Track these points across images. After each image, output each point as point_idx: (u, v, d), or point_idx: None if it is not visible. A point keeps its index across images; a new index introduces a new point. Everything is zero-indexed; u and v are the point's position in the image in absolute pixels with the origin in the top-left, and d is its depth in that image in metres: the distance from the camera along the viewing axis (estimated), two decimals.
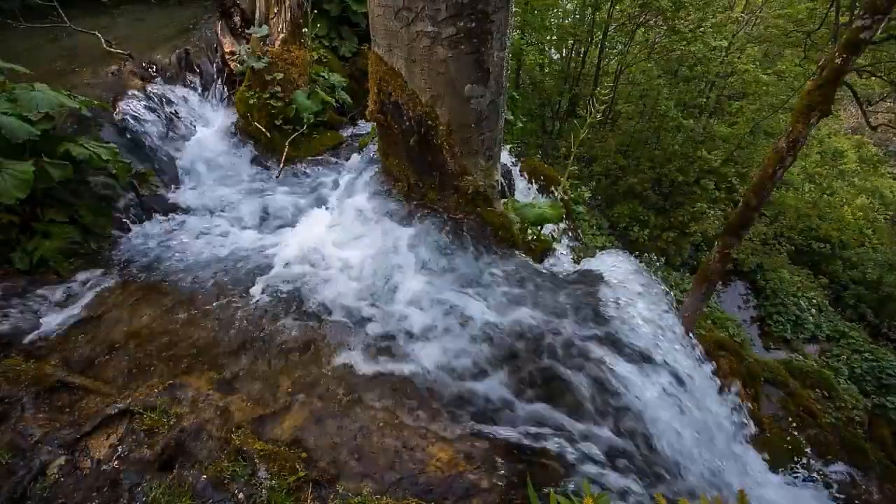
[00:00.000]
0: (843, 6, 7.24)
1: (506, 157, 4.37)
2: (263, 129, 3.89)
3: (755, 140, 12.15)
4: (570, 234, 4.85)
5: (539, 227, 3.41)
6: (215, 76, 4.36)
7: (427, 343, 2.50)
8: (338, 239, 3.16)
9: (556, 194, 3.69)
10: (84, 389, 2.20)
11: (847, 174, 12.88)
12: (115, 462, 1.90)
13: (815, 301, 11.68)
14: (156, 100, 3.86)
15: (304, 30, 4.04)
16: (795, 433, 3.84)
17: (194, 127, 4.03)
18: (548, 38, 13.39)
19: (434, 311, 2.67)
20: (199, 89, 4.26)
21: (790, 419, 4.01)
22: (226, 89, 4.35)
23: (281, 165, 3.78)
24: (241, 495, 1.80)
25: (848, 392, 6.99)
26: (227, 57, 4.35)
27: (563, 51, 13.90)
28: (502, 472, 2.01)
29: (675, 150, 12.15)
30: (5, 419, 2.01)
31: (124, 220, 3.29)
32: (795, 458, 3.47)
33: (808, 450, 3.69)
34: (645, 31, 12.39)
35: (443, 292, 2.75)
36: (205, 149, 3.92)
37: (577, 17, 12.56)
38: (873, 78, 10.07)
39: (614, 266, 3.04)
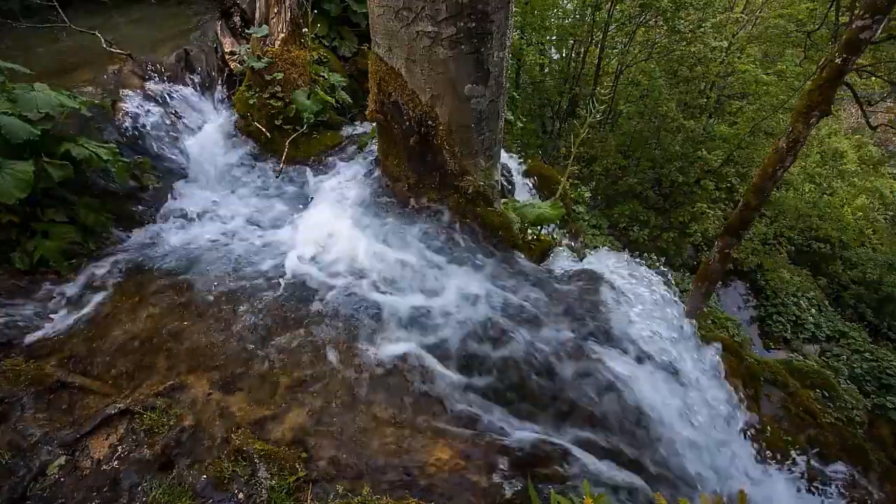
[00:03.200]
0: (843, 6, 7.24)
1: (506, 157, 4.37)
2: (263, 129, 3.89)
3: (755, 140, 12.15)
4: (570, 233, 4.85)
5: (539, 228, 3.41)
6: (215, 76, 4.36)
7: (426, 343, 2.50)
8: (337, 238, 3.16)
9: (556, 194, 3.69)
10: (84, 389, 2.20)
11: (847, 174, 12.87)
12: (115, 462, 1.90)
13: (815, 301, 11.68)
14: (155, 99, 3.85)
15: (304, 30, 4.04)
16: (795, 433, 3.83)
17: (194, 126, 4.02)
18: (548, 38, 13.38)
19: (434, 309, 2.67)
20: (199, 89, 4.25)
21: (790, 419, 4.01)
22: (226, 89, 4.34)
23: (281, 165, 3.78)
24: (241, 495, 1.80)
25: (848, 392, 6.99)
26: (227, 57, 4.35)
27: (563, 51, 13.89)
28: (502, 471, 2.01)
29: (676, 151, 12.16)
30: (5, 419, 2.01)
31: (124, 219, 3.29)
32: (795, 458, 3.47)
33: (808, 450, 3.69)
34: (645, 31, 12.39)
35: (443, 292, 2.75)
36: (205, 148, 3.92)
37: (577, 17, 12.56)
38: (873, 78, 10.08)
39: (614, 265, 3.05)
